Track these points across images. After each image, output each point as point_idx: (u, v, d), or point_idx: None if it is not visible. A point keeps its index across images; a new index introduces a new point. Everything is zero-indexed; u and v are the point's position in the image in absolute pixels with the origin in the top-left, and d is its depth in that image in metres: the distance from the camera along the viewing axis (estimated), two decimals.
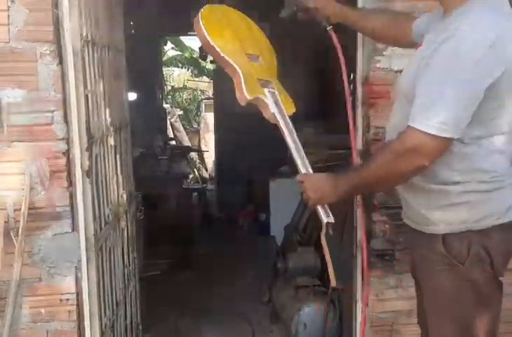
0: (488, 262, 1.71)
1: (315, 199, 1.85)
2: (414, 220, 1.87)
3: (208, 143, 9.91)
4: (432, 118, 1.58)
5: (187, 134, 10.44)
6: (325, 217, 1.88)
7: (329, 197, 1.83)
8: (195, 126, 11.80)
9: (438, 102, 1.59)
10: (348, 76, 2.75)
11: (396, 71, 2.48)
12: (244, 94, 1.96)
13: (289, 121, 2.02)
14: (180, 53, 12.26)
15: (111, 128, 2.66)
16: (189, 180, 8.20)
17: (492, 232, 1.72)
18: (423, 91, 1.62)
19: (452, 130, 1.59)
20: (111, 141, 2.67)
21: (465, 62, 1.57)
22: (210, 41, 1.98)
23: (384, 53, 2.47)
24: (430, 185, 1.74)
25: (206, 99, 11.68)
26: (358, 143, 2.60)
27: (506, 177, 1.74)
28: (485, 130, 1.68)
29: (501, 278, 1.76)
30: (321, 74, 6.48)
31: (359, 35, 2.49)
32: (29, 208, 2.26)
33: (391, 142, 1.75)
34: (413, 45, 2.02)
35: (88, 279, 2.35)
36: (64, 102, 2.28)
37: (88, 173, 2.32)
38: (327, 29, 2.14)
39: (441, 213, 1.75)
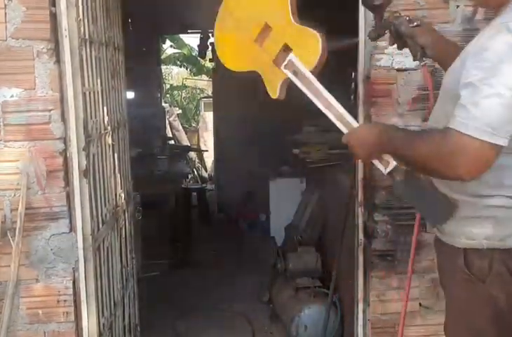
0: (510, 281, 1.64)
1: (363, 155, 1.76)
2: (440, 230, 1.80)
3: (207, 142, 9.91)
4: (478, 120, 1.45)
5: (186, 133, 10.43)
6: (384, 168, 1.74)
7: (377, 153, 1.72)
8: (194, 125, 11.79)
9: (485, 103, 1.46)
10: (350, 75, 2.73)
11: (398, 70, 2.46)
12: (272, 96, 1.94)
13: (315, 82, 1.87)
14: (179, 51, 12.24)
15: (109, 127, 2.64)
16: (188, 180, 8.19)
17: None
18: (469, 91, 1.49)
19: (504, 135, 1.45)
20: (109, 140, 2.65)
21: None
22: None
23: (386, 51, 2.44)
24: (457, 195, 1.67)
25: (205, 97, 11.68)
26: None
27: None
28: None
29: None
30: (321, 73, 6.46)
31: (360, 32, 2.46)
32: (26, 208, 2.24)
33: (437, 130, 1.58)
34: None
35: (86, 279, 2.33)
36: (62, 101, 2.26)
37: (85, 173, 2.30)
38: (421, 64, 1.92)
39: (465, 226, 1.67)
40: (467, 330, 1.71)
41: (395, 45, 2.06)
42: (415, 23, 1.89)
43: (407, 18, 1.90)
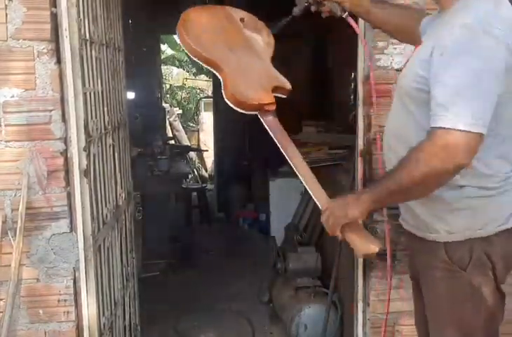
0: (490, 268, 1.68)
1: (340, 216, 1.72)
2: (415, 226, 1.83)
3: (207, 142, 9.90)
4: (459, 113, 1.49)
5: (186, 133, 10.43)
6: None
7: (353, 212, 1.69)
8: (194, 125, 11.79)
9: (460, 97, 1.50)
10: (350, 75, 2.74)
11: (397, 70, 2.46)
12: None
13: (290, 146, 1.95)
14: (178, 52, 12.26)
15: (110, 127, 2.65)
16: (188, 180, 8.19)
17: (494, 238, 1.69)
18: (441, 90, 1.53)
19: (482, 124, 1.49)
20: (110, 140, 2.65)
21: (479, 52, 1.51)
22: None
23: (385, 51, 2.45)
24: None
25: (205, 98, 11.67)
26: (359, 142, 2.58)
27: (508, 182, 1.70)
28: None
29: (502, 285, 1.73)
30: (321, 73, 6.47)
31: (360, 33, 2.46)
32: (27, 208, 2.24)
33: (413, 147, 1.58)
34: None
35: (86, 279, 2.33)
36: (62, 101, 2.26)
37: (85, 173, 2.30)
38: (343, 16, 2.05)
39: (443, 220, 1.71)
40: (453, 322, 1.73)
41: (395, 46, 2.09)
42: None
43: None
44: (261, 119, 1.97)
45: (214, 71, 2.00)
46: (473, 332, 1.72)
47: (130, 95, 5.32)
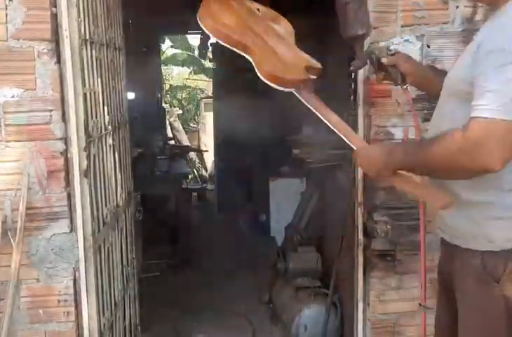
0: None
1: (372, 173, 1.79)
2: (451, 234, 1.79)
3: (207, 143, 9.91)
4: (496, 101, 1.45)
5: (186, 133, 10.43)
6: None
7: (385, 171, 1.73)
8: (194, 126, 11.79)
9: (500, 86, 1.46)
10: (350, 75, 2.74)
11: None
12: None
13: (317, 103, 1.95)
14: (179, 51, 12.25)
15: (110, 128, 2.64)
16: (188, 180, 8.20)
17: None
18: (482, 82, 1.50)
19: None
20: (110, 140, 2.65)
21: None
22: None
23: None
24: (474, 195, 1.65)
25: (205, 98, 11.67)
26: None
27: None
28: None
29: None
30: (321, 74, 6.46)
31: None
32: (27, 208, 2.24)
33: (455, 132, 1.52)
34: None
35: (86, 279, 2.33)
36: (62, 101, 2.26)
37: (86, 173, 2.30)
38: (403, 88, 2.01)
39: (485, 227, 1.66)
40: (483, 334, 1.70)
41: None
42: (393, 51, 2.00)
43: (387, 47, 2.03)
44: (298, 95, 1.97)
45: (244, 54, 1.99)
46: None
47: (130, 95, 5.32)
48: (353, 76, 2.63)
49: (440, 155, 1.54)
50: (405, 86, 2.00)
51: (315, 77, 2.04)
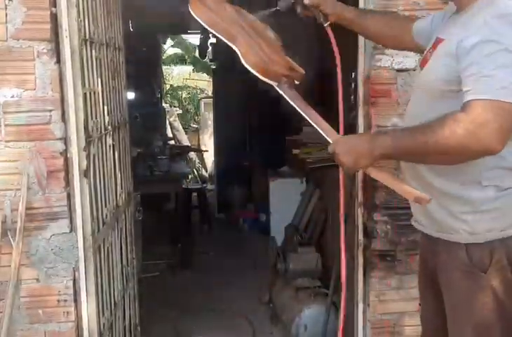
0: (510, 270, 1.65)
1: (349, 163, 1.65)
2: (428, 227, 1.80)
3: (207, 143, 9.90)
4: (494, 84, 1.46)
5: (186, 133, 10.42)
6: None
7: (364, 159, 1.63)
8: (194, 126, 11.78)
9: (495, 72, 1.47)
10: (350, 75, 2.74)
11: (397, 70, 2.46)
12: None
13: (299, 98, 1.93)
14: (180, 51, 12.25)
15: (110, 128, 2.64)
16: (188, 180, 8.19)
17: None
18: (474, 70, 1.50)
19: None
20: (110, 140, 2.65)
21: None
22: None
23: (386, 51, 2.45)
24: (454, 187, 1.66)
25: (205, 98, 11.66)
26: None
27: None
28: None
29: None
30: (320, 73, 6.46)
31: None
32: (27, 209, 2.24)
33: (448, 115, 1.52)
34: (414, 47, 1.99)
35: (86, 279, 2.33)
36: (62, 101, 2.26)
37: (85, 173, 2.30)
38: (324, 25, 2.08)
39: (464, 221, 1.67)
40: (472, 324, 1.70)
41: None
42: None
43: None
44: (279, 90, 1.96)
45: (231, 44, 1.99)
46: (492, 334, 1.69)
47: (130, 95, 5.32)
48: (353, 76, 2.63)
49: (446, 138, 1.50)
50: (325, 24, 2.07)
51: (297, 83, 2.04)
